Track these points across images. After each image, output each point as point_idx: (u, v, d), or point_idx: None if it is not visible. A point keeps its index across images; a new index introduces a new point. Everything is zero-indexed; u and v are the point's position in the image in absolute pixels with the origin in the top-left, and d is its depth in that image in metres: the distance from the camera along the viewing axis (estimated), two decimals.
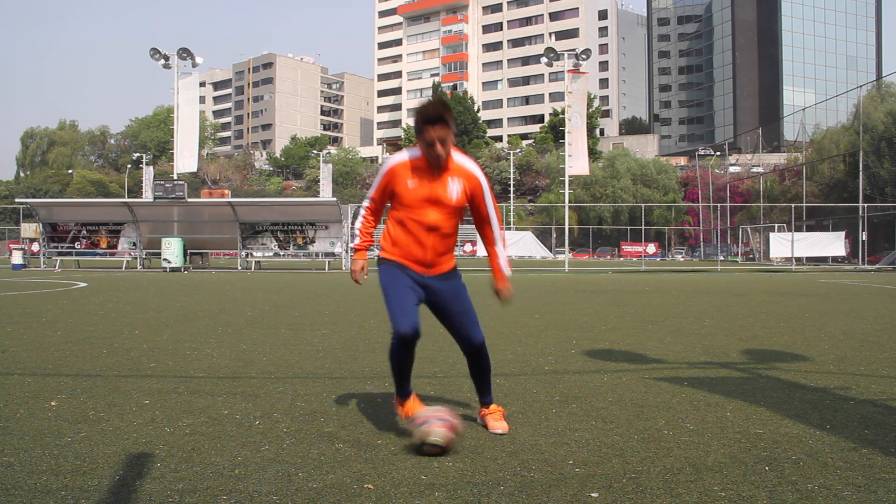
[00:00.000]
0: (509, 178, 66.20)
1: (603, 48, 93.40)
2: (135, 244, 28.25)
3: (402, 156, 3.31)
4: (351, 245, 3.13)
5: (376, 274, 3.41)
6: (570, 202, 33.99)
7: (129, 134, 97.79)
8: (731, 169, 72.60)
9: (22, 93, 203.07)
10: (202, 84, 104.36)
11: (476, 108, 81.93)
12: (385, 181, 3.31)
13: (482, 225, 3.45)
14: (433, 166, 3.24)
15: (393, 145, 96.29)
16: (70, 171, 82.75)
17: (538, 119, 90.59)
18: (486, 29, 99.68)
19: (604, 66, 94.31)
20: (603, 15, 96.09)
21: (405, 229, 3.31)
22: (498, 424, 3.39)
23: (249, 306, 10.32)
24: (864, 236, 35.42)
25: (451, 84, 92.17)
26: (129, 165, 76.23)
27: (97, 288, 14.84)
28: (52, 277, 20.05)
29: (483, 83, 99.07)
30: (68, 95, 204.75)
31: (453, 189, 3.27)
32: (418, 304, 3.30)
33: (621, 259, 54.17)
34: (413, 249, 3.31)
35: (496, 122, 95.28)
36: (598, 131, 79.47)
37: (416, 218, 3.27)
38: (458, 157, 3.34)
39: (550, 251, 57.03)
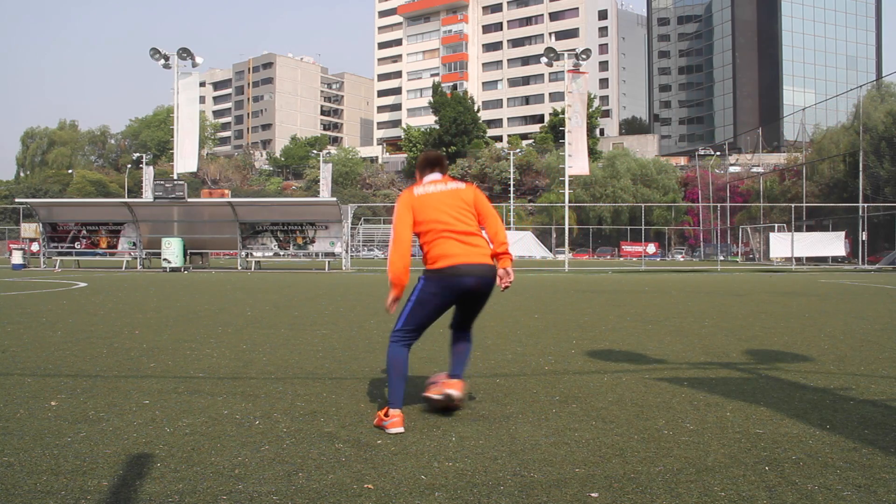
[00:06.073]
0: (509, 178, 66.19)
1: (603, 48, 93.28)
2: (135, 244, 28.23)
3: None
4: None
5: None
6: (570, 202, 33.98)
7: (129, 134, 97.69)
8: (731, 169, 72.53)
9: (22, 93, 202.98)
10: (202, 84, 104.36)
11: (476, 108, 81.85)
12: None
13: None
14: None
15: (393, 145, 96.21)
16: (70, 171, 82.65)
17: (538, 119, 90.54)
18: (486, 29, 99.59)
19: (604, 66, 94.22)
20: (603, 15, 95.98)
21: None
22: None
23: (249, 306, 10.32)
24: (864, 236, 35.41)
25: (451, 84, 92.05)
26: (129, 165, 76.13)
27: (97, 288, 14.83)
28: (52, 277, 20.03)
29: (483, 83, 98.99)
30: (68, 95, 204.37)
31: None
32: None
33: (621, 259, 54.13)
34: None
35: (496, 122, 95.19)
36: (598, 131, 79.40)
37: None
38: None
39: (550, 251, 56.99)
